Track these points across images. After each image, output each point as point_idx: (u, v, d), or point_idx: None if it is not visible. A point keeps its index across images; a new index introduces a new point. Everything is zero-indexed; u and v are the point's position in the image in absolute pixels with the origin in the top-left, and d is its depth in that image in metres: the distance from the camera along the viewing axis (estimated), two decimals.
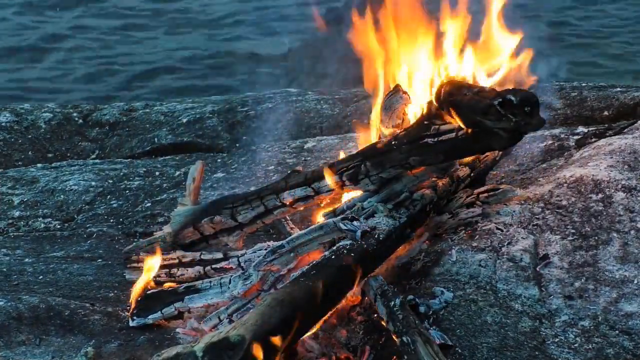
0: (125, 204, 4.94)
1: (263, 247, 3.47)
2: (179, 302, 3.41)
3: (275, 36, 14.80)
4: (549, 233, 3.42)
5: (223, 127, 6.06)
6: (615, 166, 3.70)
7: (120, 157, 6.00)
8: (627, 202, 3.50)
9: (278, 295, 2.79)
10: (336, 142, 5.16)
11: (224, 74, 13.39)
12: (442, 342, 2.96)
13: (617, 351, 2.97)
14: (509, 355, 2.97)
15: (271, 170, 5.00)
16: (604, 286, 3.19)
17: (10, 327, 3.43)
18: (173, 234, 3.71)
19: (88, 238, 4.60)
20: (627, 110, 5.11)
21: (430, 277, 3.31)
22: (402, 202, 3.40)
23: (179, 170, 5.29)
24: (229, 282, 3.34)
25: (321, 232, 3.22)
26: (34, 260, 4.30)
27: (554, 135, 4.61)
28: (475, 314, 3.12)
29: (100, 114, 6.52)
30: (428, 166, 3.42)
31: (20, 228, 4.85)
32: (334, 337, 3.14)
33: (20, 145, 6.20)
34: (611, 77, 9.83)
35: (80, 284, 3.95)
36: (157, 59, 13.25)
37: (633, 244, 3.33)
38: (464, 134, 3.18)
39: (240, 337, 2.53)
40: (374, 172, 3.41)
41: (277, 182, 3.66)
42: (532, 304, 3.15)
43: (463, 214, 3.57)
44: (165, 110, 6.43)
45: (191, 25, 14.60)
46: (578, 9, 13.72)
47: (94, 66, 12.75)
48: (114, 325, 3.49)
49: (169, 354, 2.56)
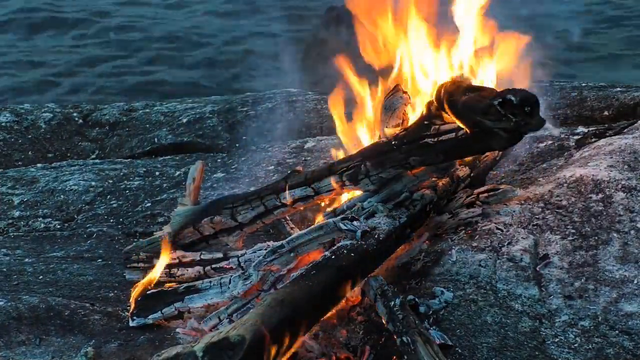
0: (125, 204, 4.94)
1: (263, 247, 3.47)
2: (179, 302, 3.41)
3: (275, 36, 14.82)
4: (549, 233, 3.42)
5: (223, 127, 6.06)
6: (615, 166, 3.70)
7: (120, 157, 6.00)
8: (627, 202, 3.50)
9: (278, 295, 2.79)
10: (336, 142, 5.16)
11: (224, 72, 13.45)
12: (442, 342, 2.96)
13: (617, 351, 2.97)
14: (509, 355, 2.97)
15: (271, 170, 5.00)
16: (604, 286, 3.19)
17: (10, 327, 3.43)
18: (173, 234, 3.70)
19: (88, 238, 4.60)
20: (627, 110, 5.11)
21: (430, 277, 3.31)
22: (402, 202, 3.40)
23: (179, 170, 5.29)
24: (229, 282, 3.34)
25: (321, 232, 3.22)
26: (34, 260, 4.30)
27: (554, 135, 4.61)
28: (475, 314, 3.12)
29: (100, 114, 6.52)
30: (428, 166, 3.41)
31: (20, 228, 4.85)
32: (334, 337, 3.14)
33: (20, 145, 6.20)
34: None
35: (80, 284, 3.95)
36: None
37: (633, 244, 3.33)
38: (464, 134, 3.18)
39: (240, 337, 2.53)
40: (374, 172, 3.41)
41: (277, 182, 3.66)
42: (532, 304, 3.15)
43: (463, 214, 3.57)
44: (165, 110, 6.44)
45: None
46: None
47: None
48: (114, 325, 3.50)
49: (169, 354, 2.56)
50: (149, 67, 14.62)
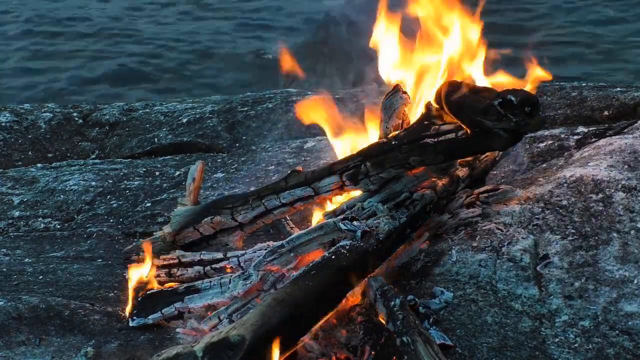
0: (125, 204, 4.94)
1: (263, 247, 3.47)
2: (179, 302, 3.41)
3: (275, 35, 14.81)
4: (549, 233, 3.42)
5: (223, 127, 6.06)
6: (615, 166, 3.70)
7: (120, 157, 6.00)
8: (627, 202, 3.50)
9: (278, 295, 2.79)
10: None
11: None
12: (442, 342, 2.96)
13: (617, 351, 2.97)
14: (509, 355, 2.97)
15: (271, 170, 5.00)
16: (604, 286, 3.19)
17: (10, 327, 3.43)
18: (173, 234, 3.70)
19: (88, 238, 4.60)
20: (627, 110, 5.10)
21: (430, 277, 3.31)
22: (402, 202, 3.40)
23: (179, 170, 5.29)
24: (229, 282, 3.34)
25: (321, 232, 3.22)
26: (34, 260, 4.30)
27: (554, 135, 4.61)
28: (475, 314, 3.12)
29: (100, 114, 6.52)
30: (428, 166, 3.41)
31: (20, 228, 4.84)
32: (334, 337, 3.14)
33: (20, 145, 6.20)
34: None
35: (80, 284, 3.95)
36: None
37: (633, 244, 3.33)
38: (464, 134, 3.18)
39: (240, 337, 2.53)
40: (374, 172, 3.41)
41: (277, 182, 3.66)
42: (532, 304, 3.15)
43: (463, 214, 3.57)
44: (165, 110, 6.44)
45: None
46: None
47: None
48: (114, 325, 3.49)
49: (169, 354, 2.56)
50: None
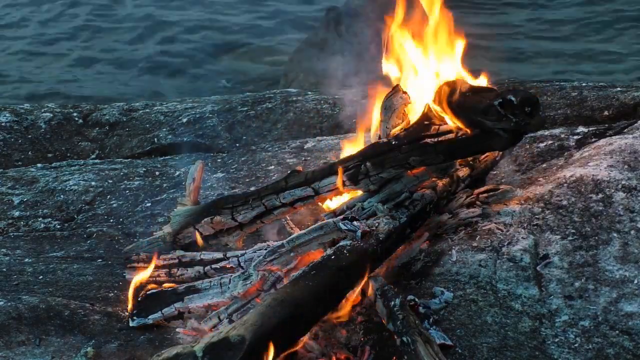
0: (125, 204, 4.94)
1: (263, 247, 3.47)
2: (179, 302, 3.41)
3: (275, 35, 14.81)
4: (549, 233, 3.42)
5: (223, 127, 6.06)
6: (616, 166, 3.70)
7: (120, 157, 6.00)
8: (627, 202, 3.50)
9: (278, 295, 2.79)
10: (336, 142, 5.16)
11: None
12: (442, 342, 2.96)
13: (617, 351, 2.97)
14: (509, 355, 2.97)
15: (271, 170, 5.00)
16: (604, 286, 3.19)
17: (10, 327, 3.43)
18: (173, 234, 3.71)
19: (88, 238, 4.60)
20: (627, 110, 5.10)
21: (430, 277, 3.31)
22: (402, 202, 3.40)
23: (179, 170, 5.29)
24: (229, 282, 3.34)
25: (321, 232, 3.22)
26: (34, 260, 4.30)
27: (554, 135, 4.61)
28: (475, 314, 3.12)
29: (100, 114, 6.52)
30: (428, 166, 3.42)
31: (20, 228, 4.84)
32: (334, 337, 3.14)
33: (20, 145, 6.20)
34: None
35: (80, 284, 3.95)
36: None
37: (633, 244, 3.33)
38: (464, 134, 3.18)
39: (240, 337, 2.53)
40: (374, 172, 3.41)
41: (277, 182, 3.66)
42: (532, 304, 3.15)
43: (463, 214, 3.57)
44: (165, 110, 6.44)
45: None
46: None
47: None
48: (114, 325, 3.49)
49: (169, 354, 2.56)
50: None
